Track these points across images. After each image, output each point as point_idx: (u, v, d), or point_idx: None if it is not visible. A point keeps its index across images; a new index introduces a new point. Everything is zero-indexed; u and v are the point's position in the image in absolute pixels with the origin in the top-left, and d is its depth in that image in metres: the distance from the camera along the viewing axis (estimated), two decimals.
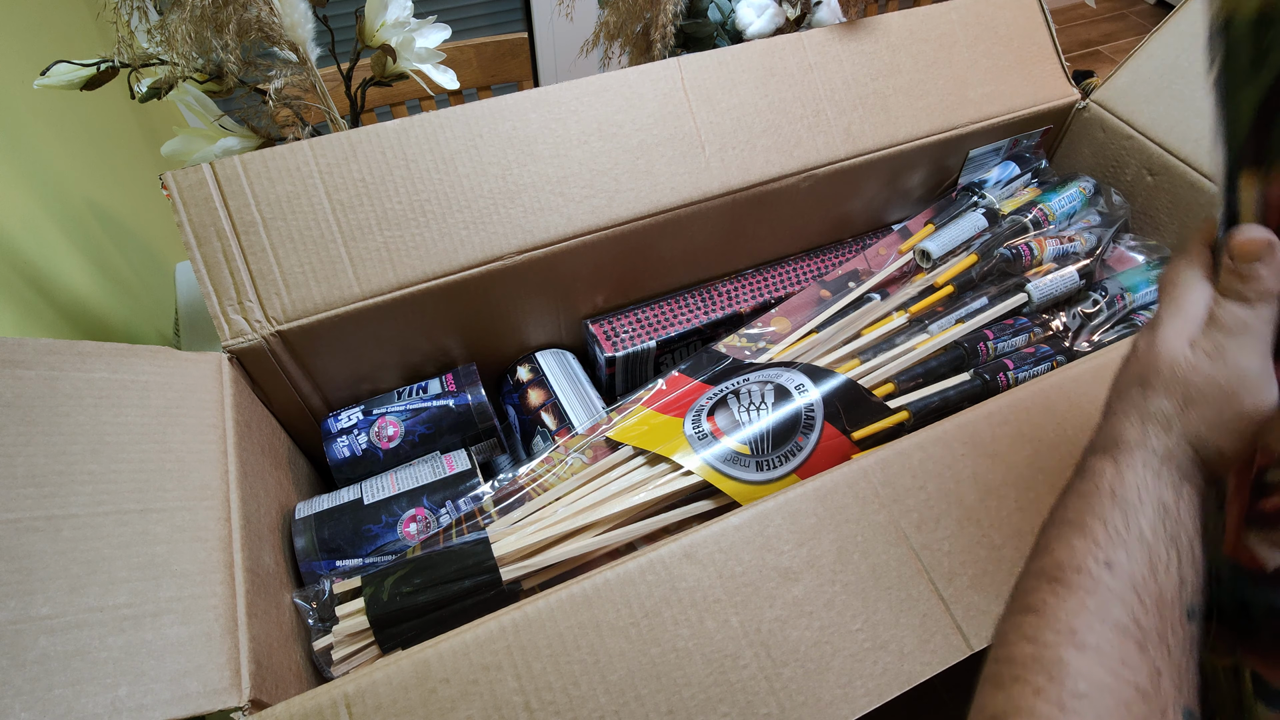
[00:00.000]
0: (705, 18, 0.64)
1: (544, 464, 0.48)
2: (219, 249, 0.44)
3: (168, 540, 0.34)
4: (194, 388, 0.41)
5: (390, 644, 0.39)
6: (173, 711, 0.30)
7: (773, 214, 0.57)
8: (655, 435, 0.46)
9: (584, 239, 0.50)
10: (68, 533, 0.32)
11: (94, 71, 0.52)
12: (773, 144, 0.54)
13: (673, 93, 0.52)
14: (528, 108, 0.50)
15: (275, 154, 0.45)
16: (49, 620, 0.30)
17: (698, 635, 0.34)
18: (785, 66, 0.55)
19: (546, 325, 0.58)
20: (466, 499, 0.46)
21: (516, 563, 0.41)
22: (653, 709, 0.32)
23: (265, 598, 0.38)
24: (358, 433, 0.50)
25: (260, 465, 0.43)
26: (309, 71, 0.55)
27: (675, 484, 0.44)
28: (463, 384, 0.52)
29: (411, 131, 0.48)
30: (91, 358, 0.38)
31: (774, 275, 0.61)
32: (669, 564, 0.35)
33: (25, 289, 0.56)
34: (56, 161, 0.71)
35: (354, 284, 0.46)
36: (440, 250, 0.47)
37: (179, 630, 0.32)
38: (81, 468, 0.34)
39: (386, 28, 0.58)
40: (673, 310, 0.59)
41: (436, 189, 0.47)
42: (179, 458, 0.37)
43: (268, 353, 0.45)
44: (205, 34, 0.49)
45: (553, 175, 0.49)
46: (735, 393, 0.47)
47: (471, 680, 0.32)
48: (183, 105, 0.55)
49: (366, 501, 0.46)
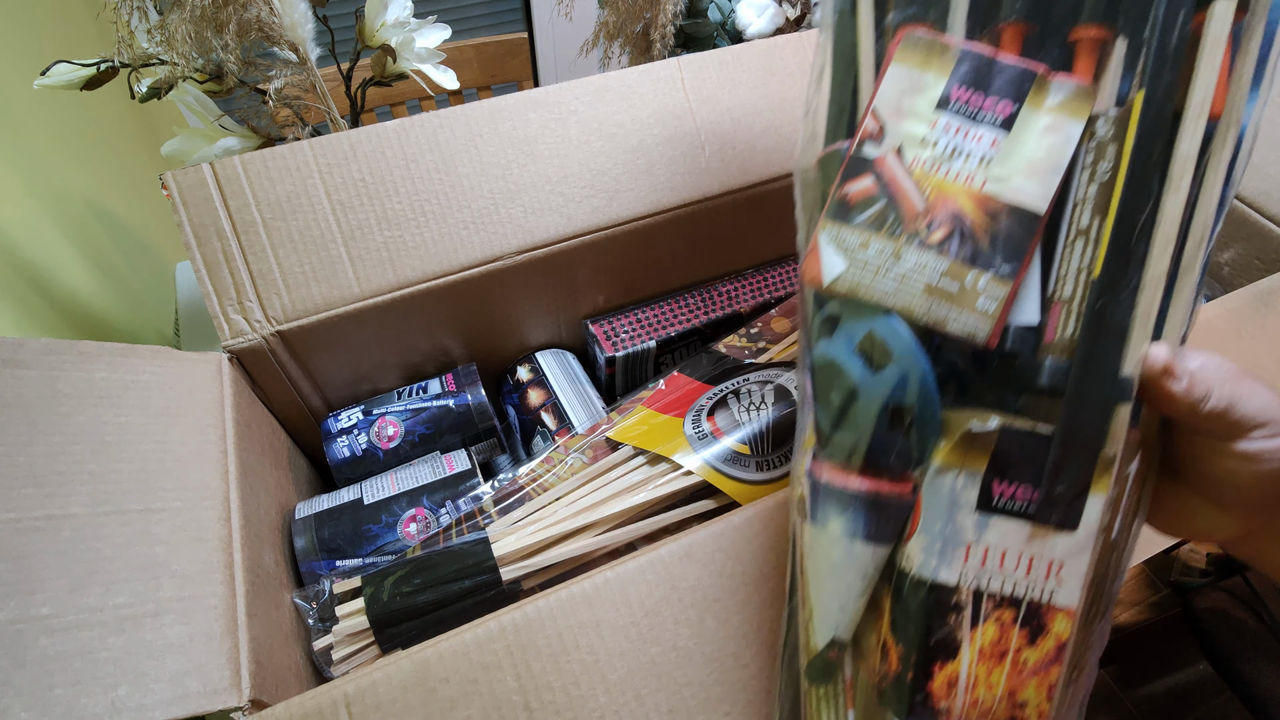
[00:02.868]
0: (705, 18, 0.64)
1: (544, 464, 0.48)
2: (219, 249, 0.44)
3: (168, 540, 0.34)
4: (194, 388, 0.41)
5: (390, 644, 0.39)
6: (173, 711, 0.30)
7: (773, 214, 0.57)
8: (655, 435, 0.46)
9: (584, 239, 0.50)
10: (68, 533, 0.32)
11: (94, 71, 0.52)
12: (773, 144, 0.54)
13: (673, 93, 0.52)
14: (528, 108, 0.50)
15: (275, 154, 0.45)
16: (49, 620, 0.30)
17: (698, 634, 0.34)
18: (785, 66, 0.55)
19: (546, 325, 0.58)
20: (466, 499, 0.46)
21: (516, 563, 0.41)
22: (653, 708, 0.32)
23: (265, 598, 0.38)
24: (358, 433, 0.50)
25: (260, 465, 0.43)
26: (309, 71, 0.55)
27: (675, 484, 0.44)
28: (463, 384, 0.52)
29: (411, 131, 0.48)
30: (91, 358, 0.38)
31: (774, 275, 0.61)
32: (669, 563, 0.35)
33: (25, 289, 0.56)
34: (56, 161, 0.71)
35: (354, 284, 0.46)
36: (440, 250, 0.47)
37: (179, 630, 0.32)
38: (81, 468, 0.34)
39: (386, 28, 0.59)
40: (673, 310, 0.59)
41: (436, 189, 0.47)
42: (179, 458, 0.37)
43: (268, 353, 0.45)
44: (205, 34, 0.49)
45: (553, 175, 0.49)
46: (735, 393, 0.47)
47: (471, 680, 0.32)
48: (183, 105, 0.55)
49: (366, 501, 0.46)
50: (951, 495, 0.25)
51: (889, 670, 0.26)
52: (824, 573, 0.28)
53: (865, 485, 0.26)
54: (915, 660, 0.26)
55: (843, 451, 0.26)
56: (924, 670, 0.26)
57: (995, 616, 0.25)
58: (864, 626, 0.28)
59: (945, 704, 0.26)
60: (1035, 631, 0.25)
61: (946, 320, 0.24)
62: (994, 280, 0.24)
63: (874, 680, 0.27)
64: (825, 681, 0.28)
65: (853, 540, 0.26)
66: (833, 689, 0.28)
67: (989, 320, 0.24)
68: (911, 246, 0.25)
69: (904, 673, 0.26)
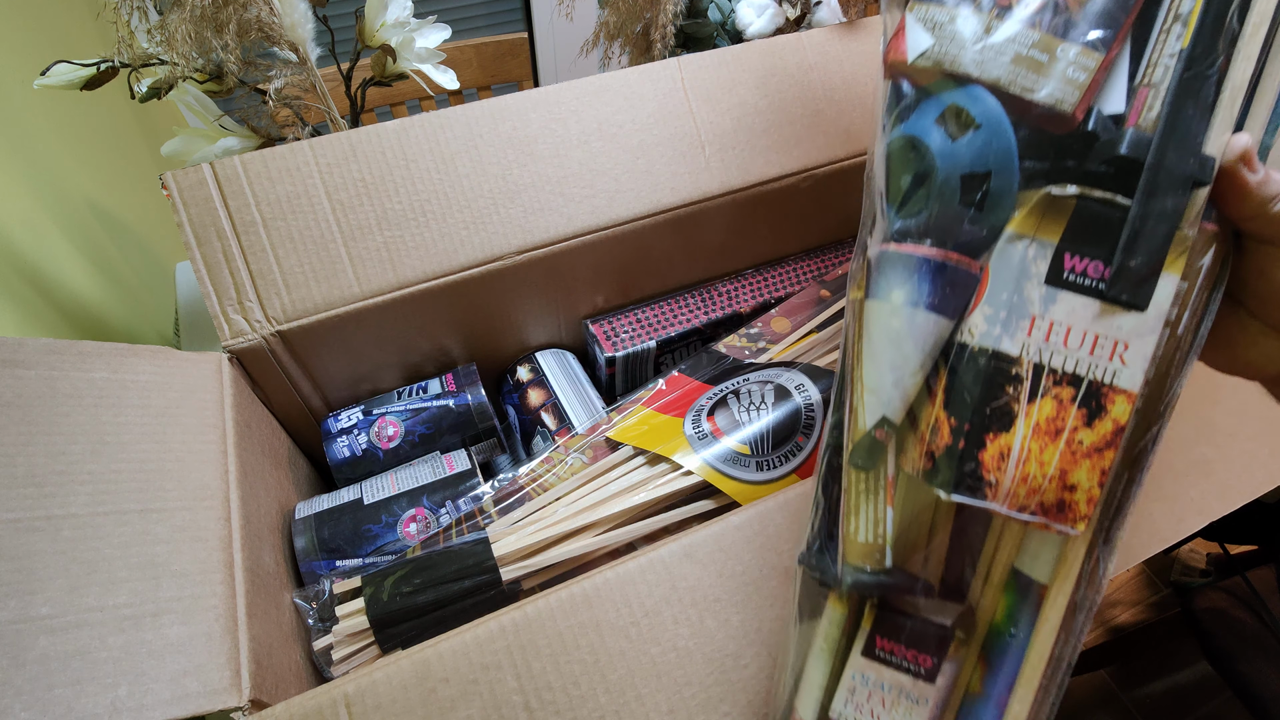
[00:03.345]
0: (705, 18, 0.64)
1: (544, 464, 0.48)
2: (219, 249, 0.44)
3: (168, 540, 0.34)
4: (194, 388, 0.41)
5: (390, 644, 0.39)
6: (173, 711, 0.30)
7: (773, 214, 0.57)
8: (655, 435, 0.46)
9: (584, 239, 0.50)
10: (68, 533, 0.32)
11: (94, 71, 0.52)
12: (773, 144, 0.54)
13: (673, 93, 0.52)
14: (528, 108, 0.50)
15: (275, 154, 0.45)
16: (49, 620, 0.30)
17: (698, 634, 0.34)
18: (785, 66, 0.55)
19: (546, 325, 0.58)
20: (466, 499, 0.46)
21: (516, 563, 0.41)
22: (653, 708, 0.32)
23: (265, 598, 0.38)
24: (358, 433, 0.50)
25: (260, 465, 0.43)
26: (309, 71, 0.55)
27: (675, 484, 0.44)
28: (463, 384, 0.52)
29: (411, 131, 0.48)
30: (91, 358, 0.38)
31: (774, 275, 0.61)
32: (669, 563, 0.35)
33: (25, 289, 0.56)
34: (56, 161, 0.71)
35: (354, 284, 0.46)
36: (440, 250, 0.47)
37: (179, 630, 0.32)
38: (81, 468, 0.34)
39: (386, 28, 0.59)
40: (673, 310, 0.59)
41: (436, 189, 0.47)
42: (179, 458, 0.37)
43: (268, 353, 0.45)
44: (205, 34, 0.49)
45: (553, 175, 0.49)
46: (735, 393, 0.47)
47: (471, 680, 0.32)
48: (183, 105, 0.55)
49: (366, 501, 0.46)
50: (1021, 265, 0.25)
51: (939, 444, 0.26)
52: (880, 346, 0.27)
53: (934, 252, 0.26)
54: (968, 429, 0.25)
55: (913, 224, 0.26)
56: (976, 439, 0.25)
57: (1054, 393, 0.25)
58: (916, 411, 0.27)
59: (994, 476, 0.25)
60: (1093, 413, 0.25)
61: (1034, 87, 0.24)
62: (1084, 51, 0.24)
63: (920, 466, 0.26)
64: (870, 466, 0.28)
65: (915, 309, 0.26)
66: (874, 482, 0.28)
67: (1077, 90, 0.24)
68: (1002, 20, 0.25)
69: (955, 443, 0.25)
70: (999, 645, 0.27)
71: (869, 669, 0.28)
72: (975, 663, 0.27)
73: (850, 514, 0.28)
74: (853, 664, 0.28)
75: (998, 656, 0.27)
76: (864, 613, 0.28)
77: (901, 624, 0.28)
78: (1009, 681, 0.27)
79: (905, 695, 0.28)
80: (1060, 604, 0.26)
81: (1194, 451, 0.41)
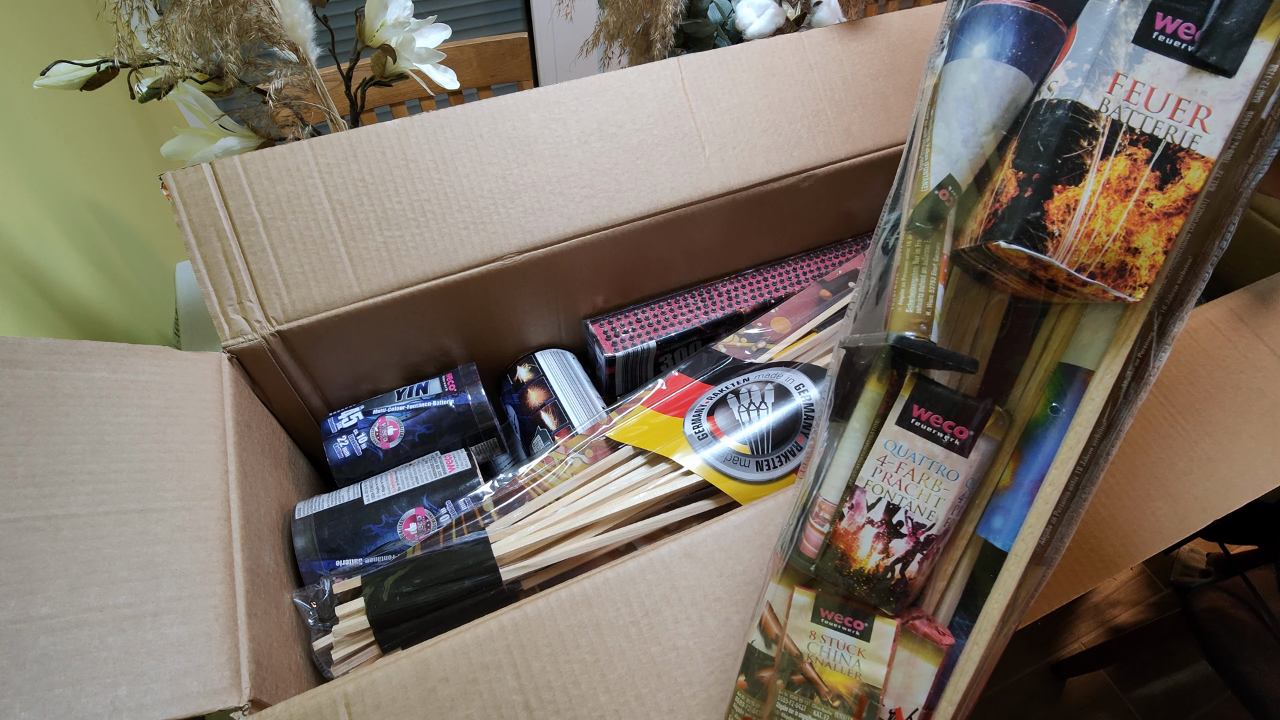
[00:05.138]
0: (705, 18, 0.64)
1: (544, 464, 0.48)
2: (219, 249, 0.44)
3: (168, 540, 0.34)
4: (194, 388, 0.41)
5: (390, 644, 0.39)
6: (173, 711, 0.30)
7: (773, 214, 0.57)
8: (655, 435, 0.46)
9: (584, 239, 0.50)
10: (68, 533, 0.32)
11: (94, 71, 0.52)
12: (773, 144, 0.54)
13: (673, 93, 0.52)
14: (528, 108, 0.50)
15: (275, 154, 0.45)
16: (49, 620, 0.30)
17: (699, 634, 0.34)
18: (785, 66, 0.55)
19: (546, 325, 0.58)
20: (466, 499, 0.46)
21: (516, 563, 0.41)
22: (653, 708, 0.32)
23: (265, 598, 0.38)
24: (358, 433, 0.50)
25: (260, 465, 0.43)
26: (309, 71, 0.55)
27: (675, 484, 0.44)
28: (463, 384, 0.52)
29: (411, 131, 0.48)
30: (91, 358, 0.38)
31: (774, 275, 0.61)
32: (669, 563, 0.35)
33: (25, 289, 0.56)
34: (56, 161, 0.71)
35: (354, 284, 0.46)
36: (440, 250, 0.47)
37: (179, 630, 0.32)
38: (81, 468, 0.34)
39: (386, 28, 0.59)
40: (673, 310, 0.59)
41: (436, 189, 0.47)
42: (179, 458, 0.37)
43: (268, 353, 0.45)
44: (205, 34, 0.49)
45: (553, 175, 0.49)
46: (735, 393, 0.47)
47: (471, 680, 0.32)
48: (183, 105, 0.55)
49: (366, 501, 0.46)
50: (1111, 20, 0.24)
51: (1004, 199, 0.25)
52: (954, 105, 0.26)
53: (1023, 1, 0.25)
54: (1036, 178, 0.24)
55: None
56: (1043, 189, 0.24)
57: (1129, 152, 0.24)
58: (982, 178, 0.26)
59: (1058, 228, 0.24)
60: (1167, 176, 0.24)
61: None
62: None
63: (980, 230, 0.26)
64: (929, 230, 0.27)
65: (995, 62, 0.26)
66: (929, 255, 0.27)
67: None
68: None
69: (1021, 193, 0.25)
70: (1037, 434, 0.26)
71: (902, 437, 0.27)
72: (1008, 459, 0.27)
73: (901, 287, 0.27)
74: (886, 432, 0.27)
75: (1034, 446, 0.26)
76: (903, 384, 0.27)
77: (940, 394, 0.27)
78: (1043, 467, 0.26)
79: (936, 467, 0.27)
80: (1107, 383, 0.25)
81: (1197, 449, 0.41)
